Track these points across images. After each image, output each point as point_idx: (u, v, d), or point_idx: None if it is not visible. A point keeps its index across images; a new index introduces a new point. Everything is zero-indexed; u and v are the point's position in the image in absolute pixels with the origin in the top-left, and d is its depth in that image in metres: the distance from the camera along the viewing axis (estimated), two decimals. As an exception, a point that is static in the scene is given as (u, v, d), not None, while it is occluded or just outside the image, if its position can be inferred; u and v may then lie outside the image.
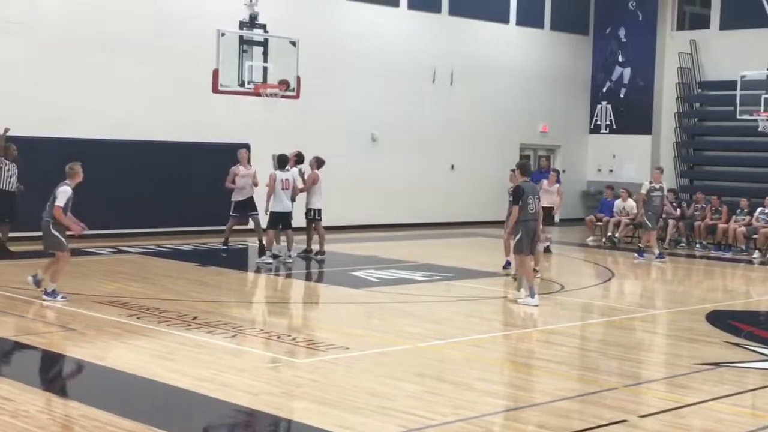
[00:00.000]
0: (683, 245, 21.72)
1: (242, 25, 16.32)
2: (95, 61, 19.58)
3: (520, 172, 13.75)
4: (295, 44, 16.67)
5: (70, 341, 10.01)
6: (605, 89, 29.23)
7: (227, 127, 21.02)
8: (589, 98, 29.51)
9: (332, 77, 23.09)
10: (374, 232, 22.48)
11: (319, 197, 17.55)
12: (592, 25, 29.46)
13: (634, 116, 28.44)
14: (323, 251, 17.39)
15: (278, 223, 16.74)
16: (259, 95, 16.51)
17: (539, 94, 28.06)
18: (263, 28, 16.44)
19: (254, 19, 16.36)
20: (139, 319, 11.27)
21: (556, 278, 16.73)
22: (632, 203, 22.62)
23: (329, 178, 19.43)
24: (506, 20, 27.21)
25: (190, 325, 10.97)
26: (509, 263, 16.27)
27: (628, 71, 28.76)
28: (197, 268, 16.04)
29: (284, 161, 16.96)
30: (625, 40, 28.76)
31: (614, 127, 29.03)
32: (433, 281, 15.42)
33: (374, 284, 15.02)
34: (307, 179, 17.61)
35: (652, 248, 19.27)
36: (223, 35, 15.87)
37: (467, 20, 26.13)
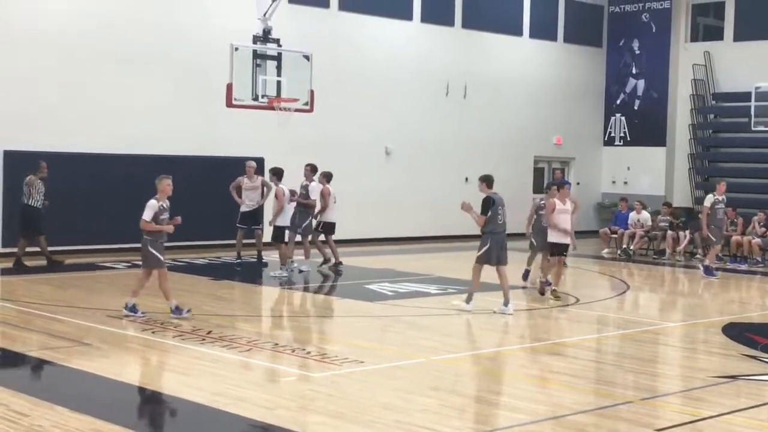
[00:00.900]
0: (699, 257, 21.60)
1: (256, 39, 16.38)
2: (109, 75, 19.66)
3: (485, 185, 13.97)
4: (308, 58, 16.72)
5: (85, 356, 10.02)
6: (619, 101, 29.19)
7: (241, 140, 21.07)
8: (603, 110, 29.46)
9: (346, 91, 23.13)
10: (388, 245, 22.45)
11: (334, 211, 17.84)
12: (605, 37, 29.43)
13: (648, 128, 28.37)
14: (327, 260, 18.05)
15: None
16: (272, 109, 16.56)
17: (553, 106, 28.03)
18: (277, 42, 16.48)
19: (268, 33, 16.42)
20: (154, 333, 11.28)
21: (571, 291, 16.66)
22: (647, 215, 22.59)
23: (344, 191, 19.46)
24: (519, 33, 27.22)
25: (204, 339, 10.97)
26: (528, 273, 16.86)
27: (642, 83, 28.71)
28: (211, 282, 16.05)
29: (280, 174, 17.33)
30: (638, 52, 28.72)
31: (628, 139, 28.96)
32: (447, 294, 15.37)
33: (388, 297, 14.99)
34: (322, 194, 17.73)
35: (710, 263, 18.80)
36: (236, 50, 15.92)
37: (480, 33, 26.16)
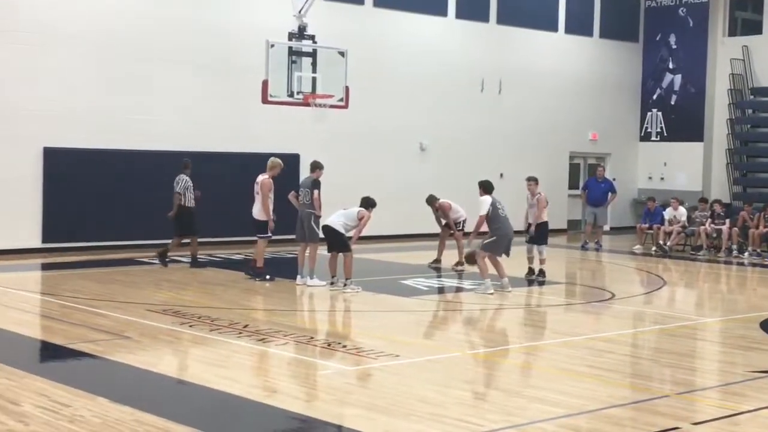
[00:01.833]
0: (736, 253, 21.42)
1: (291, 36, 16.48)
2: (146, 73, 19.87)
3: (482, 190, 15.03)
4: (343, 54, 16.79)
5: (125, 349, 10.16)
6: (655, 96, 28.98)
7: (276, 137, 21.20)
8: (639, 106, 29.26)
9: (380, 87, 23.18)
10: (423, 240, 22.47)
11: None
12: (641, 32, 29.23)
13: (685, 123, 28.14)
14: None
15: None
16: (308, 105, 16.64)
17: (588, 102, 27.91)
18: (312, 38, 16.57)
19: (303, 30, 16.51)
20: (191, 327, 11.40)
21: (607, 286, 16.62)
22: (683, 211, 22.44)
23: (377, 186, 19.51)
24: (555, 28, 27.12)
25: (241, 333, 11.07)
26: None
27: (678, 78, 28.49)
28: (248, 276, 16.15)
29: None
30: (675, 46, 28.50)
31: (665, 134, 28.75)
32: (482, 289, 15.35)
33: (424, 292, 15.03)
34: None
35: None
36: (272, 46, 16.03)
37: (515, 29, 26.09)
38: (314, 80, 16.44)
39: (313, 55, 16.50)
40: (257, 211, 15.50)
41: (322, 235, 15.04)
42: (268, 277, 15.47)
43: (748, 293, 16.89)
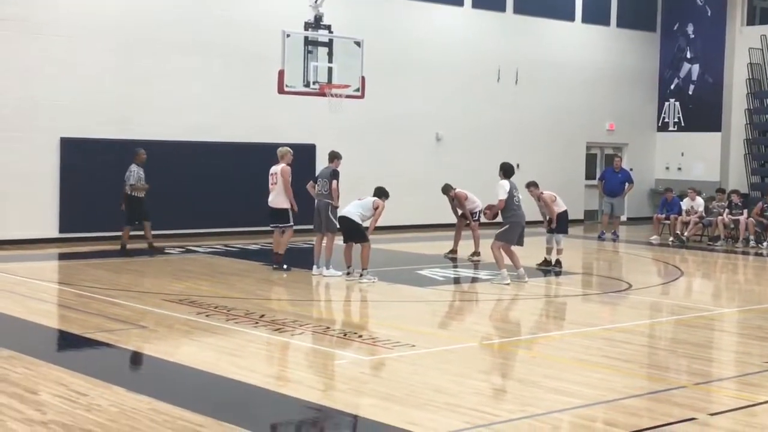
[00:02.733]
0: (754, 243, 21.31)
1: (307, 26, 16.46)
2: (163, 64, 19.92)
3: (502, 173, 14.79)
4: (359, 44, 16.77)
5: (141, 338, 10.20)
6: (673, 86, 28.83)
7: (292, 127, 21.21)
8: (656, 96, 29.12)
9: (396, 77, 23.15)
10: (439, 231, 22.45)
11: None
12: (659, 21, 29.07)
13: (703, 113, 27.99)
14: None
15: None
16: (324, 95, 16.63)
17: (605, 92, 27.79)
18: (328, 28, 16.55)
19: (319, 20, 16.49)
20: (208, 316, 11.43)
21: (624, 277, 16.57)
22: (701, 201, 22.35)
23: (394, 177, 19.50)
24: (572, 18, 27.00)
25: (257, 322, 11.09)
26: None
27: (696, 68, 28.32)
28: (264, 266, 16.18)
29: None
30: (693, 36, 28.33)
31: (682, 124, 28.61)
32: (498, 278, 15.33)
33: (440, 282, 15.02)
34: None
35: None
36: (288, 36, 16.03)
37: (532, 18, 26.00)
38: (330, 70, 16.43)
39: (329, 45, 16.50)
40: (277, 200, 15.49)
41: (338, 225, 15.05)
42: (285, 267, 15.49)
43: (765, 284, 16.79)
